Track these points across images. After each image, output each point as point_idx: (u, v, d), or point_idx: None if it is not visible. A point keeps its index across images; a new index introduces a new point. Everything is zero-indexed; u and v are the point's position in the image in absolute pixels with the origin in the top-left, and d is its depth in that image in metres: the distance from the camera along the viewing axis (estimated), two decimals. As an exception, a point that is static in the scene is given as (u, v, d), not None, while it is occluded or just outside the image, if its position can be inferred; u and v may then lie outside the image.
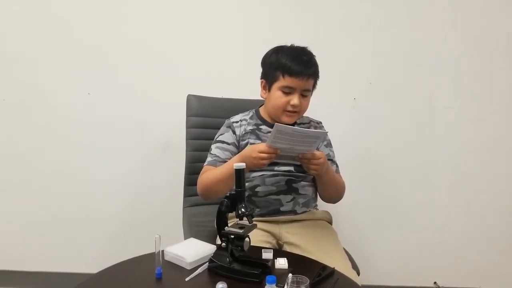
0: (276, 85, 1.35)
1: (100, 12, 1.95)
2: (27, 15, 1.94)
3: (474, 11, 1.97)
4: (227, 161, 1.36)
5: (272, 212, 1.38)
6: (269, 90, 1.39)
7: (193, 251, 1.09)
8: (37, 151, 2.02)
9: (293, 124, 1.40)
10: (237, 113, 1.50)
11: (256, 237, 1.24)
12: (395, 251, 2.11)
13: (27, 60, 1.97)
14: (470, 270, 2.12)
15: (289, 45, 1.39)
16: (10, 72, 1.98)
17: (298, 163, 1.27)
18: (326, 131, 1.43)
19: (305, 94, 1.36)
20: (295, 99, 1.33)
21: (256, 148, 1.20)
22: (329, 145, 1.49)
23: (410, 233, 2.10)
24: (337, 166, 1.48)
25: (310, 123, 1.50)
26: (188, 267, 1.05)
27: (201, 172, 1.40)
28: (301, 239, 1.32)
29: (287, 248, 1.32)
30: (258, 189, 1.38)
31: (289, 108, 1.34)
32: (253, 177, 1.38)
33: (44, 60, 1.97)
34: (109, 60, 1.98)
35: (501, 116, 2.03)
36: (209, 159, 1.41)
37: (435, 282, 2.14)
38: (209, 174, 1.35)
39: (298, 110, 1.36)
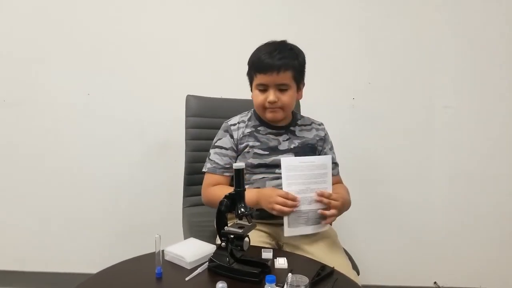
0: (253, 84, 1.37)
1: (99, 13, 1.95)
2: (27, 16, 1.94)
3: (473, 11, 1.97)
4: (226, 168, 1.37)
5: (272, 215, 1.38)
6: (251, 90, 1.41)
7: (193, 251, 1.09)
8: (37, 152, 2.03)
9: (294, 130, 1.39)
10: (236, 113, 1.49)
11: (256, 238, 1.24)
12: (395, 251, 2.12)
13: (27, 61, 1.97)
14: (470, 270, 2.12)
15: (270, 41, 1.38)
16: (10, 73, 1.98)
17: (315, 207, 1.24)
18: (330, 155, 1.41)
19: (282, 88, 1.33)
20: (270, 96, 1.32)
21: (277, 191, 1.21)
22: (332, 147, 1.50)
23: (410, 233, 2.10)
24: (337, 167, 1.48)
25: (311, 124, 1.49)
26: (188, 267, 1.05)
27: (205, 182, 1.40)
28: (300, 239, 1.31)
29: (286, 248, 1.32)
30: None
31: (267, 105, 1.34)
32: (254, 179, 1.37)
33: (44, 61, 1.97)
34: (109, 61, 1.98)
35: (501, 115, 2.03)
36: (208, 165, 1.40)
37: (435, 282, 2.14)
38: (217, 192, 1.31)
39: (279, 106, 1.34)
